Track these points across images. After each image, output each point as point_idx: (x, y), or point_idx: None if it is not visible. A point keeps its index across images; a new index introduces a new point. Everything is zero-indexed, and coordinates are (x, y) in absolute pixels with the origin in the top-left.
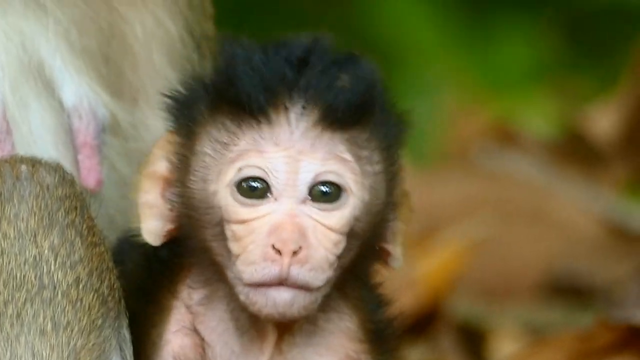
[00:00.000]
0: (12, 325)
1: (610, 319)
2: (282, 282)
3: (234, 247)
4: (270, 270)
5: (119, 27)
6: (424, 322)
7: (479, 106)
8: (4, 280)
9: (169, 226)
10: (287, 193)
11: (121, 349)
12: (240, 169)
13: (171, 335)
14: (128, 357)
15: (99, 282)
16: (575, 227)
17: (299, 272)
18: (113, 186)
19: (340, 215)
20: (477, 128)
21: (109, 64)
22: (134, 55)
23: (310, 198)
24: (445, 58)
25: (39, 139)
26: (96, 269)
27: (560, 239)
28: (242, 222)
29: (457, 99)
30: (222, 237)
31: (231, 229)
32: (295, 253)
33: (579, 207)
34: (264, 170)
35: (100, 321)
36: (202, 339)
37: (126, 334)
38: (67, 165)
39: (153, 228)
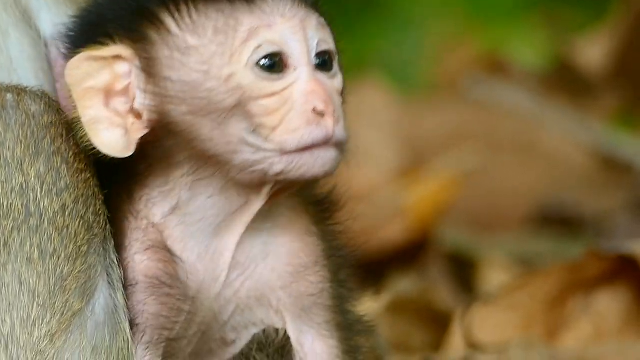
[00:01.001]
0: None
1: (599, 249)
2: (327, 141)
3: (269, 120)
4: (318, 132)
5: None
6: (413, 251)
7: (469, 37)
8: None
9: (142, 132)
10: (303, 61)
11: (108, 275)
12: (258, 47)
13: (136, 256)
14: (115, 281)
15: (85, 208)
16: (565, 158)
17: (340, 131)
18: None
19: (339, 80)
20: (466, 59)
21: None
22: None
23: (316, 66)
24: None
25: (19, 67)
26: (82, 196)
27: (549, 169)
28: (273, 94)
29: (447, 30)
30: (239, 118)
31: (261, 105)
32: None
33: (569, 137)
34: (279, 44)
35: (85, 247)
36: (173, 255)
37: (113, 258)
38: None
39: (113, 140)
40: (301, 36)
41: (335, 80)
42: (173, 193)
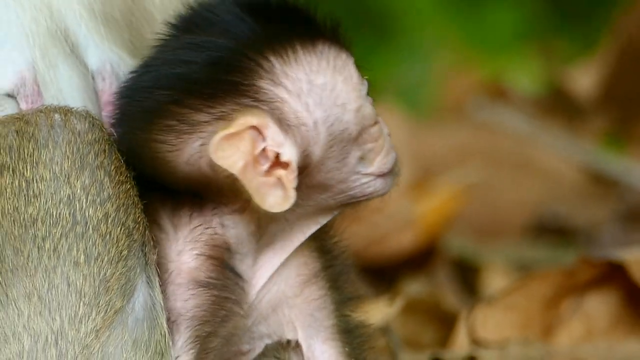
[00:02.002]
0: (49, 258)
1: (590, 256)
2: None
3: (375, 146)
4: (394, 155)
5: None
6: (422, 258)
7: (472, 65)
8: (41, 218)
9: (295, 181)
10: None
11: (147, 275)
12: (363, 80)
13: (194, 256)
14: (153, 281)
15: (126, 216)
16: (559, 174)
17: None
18: None
19: None
20: (470, 85)
21: (130, 30)
22: (153, 21)
23: None
24: (438, 22)
25: (68, 97)
26: (123, 205)
27: (544, 184)
28: (376, 123)
29: (452, 59)
30: (355, 148)
31: (371, 132)
32: None
33: (562, 155)
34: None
35: (126, 252)
36: (230, 260)
37: (152, 260)
38: None
39: (275, 199)
40: None
41: None
42: (252, 223)
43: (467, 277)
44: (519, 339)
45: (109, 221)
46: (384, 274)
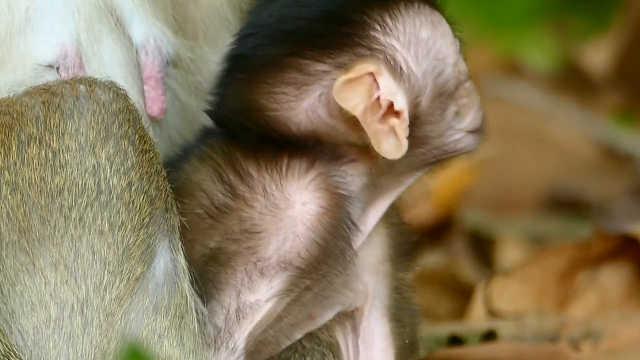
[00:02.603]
0: (75, 227)
1: (604, 229)
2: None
3: (469, 101)
4: (481, 116)
5: None
6: (439, 231)
7: (487, 42)
8: (67, 188)
9: (407, 130)
10: None
11: (170, 241)
12: (456, 38)
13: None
14: (176, 245)
15: (149, 184)
16: (573, 148)
17: None
18: (175, 113)
19: None
20: (485, 61)
21: (174, 6)
22: None
23: None
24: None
25: (110, 71)
26: (146, 173)
27: (559, 158)
28: (468, 78)
29: (465, 36)
30: (451, 102)
31: (466, 87)
32: None
33: (575, 130)
34: None
35: (147, 219)
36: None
37: (175, 226)
38: (135, 95)
39: (390, 146)
40: None
41: None
42: (366, 172)
43: (483, 249)
44: (535, 311)
45: (132, 190)
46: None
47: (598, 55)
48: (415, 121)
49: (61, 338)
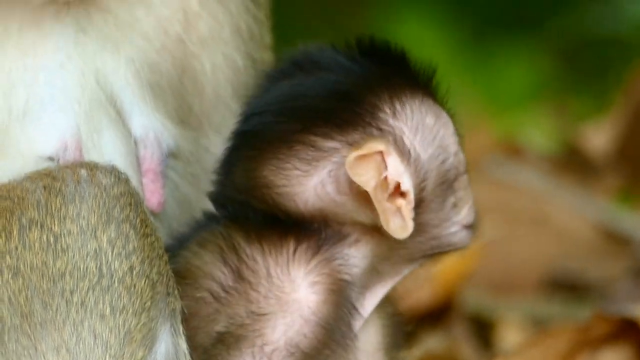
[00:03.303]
0: (77, 311)
1: (604, 312)
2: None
3: (465, 195)
4: (475, 212)
5: (190, 65)
6: (439, 313)
7: (486, 123)
8: (69, 272)
9: (412, 212)
10: None
11: (171, 325)
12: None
13: (313, 295)
14: (177, 329)
15: (150, 268)
16: (573, 231)
17: None
18: (175, 203)
19: None
20: (486, 143)
21: (177, 98)
22: (202, 89)
23: None
24: (453, 80)
25: (110, 162)
26: (147, 257)
27: (559, 240)
28: (465, 171)
29: (466, 117)
30: (449, 193)
31: (462, 179)
32: None
33: (576, 212)
34: None
35: (149, 303)
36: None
37: (177, 310)
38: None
39: (397, 225)
40: None
41: None
42: (366, 256)
43: (483, 331)
44: None
45: (134, 274)
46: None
47: (598, 136)
48: (419, 205)
49: None
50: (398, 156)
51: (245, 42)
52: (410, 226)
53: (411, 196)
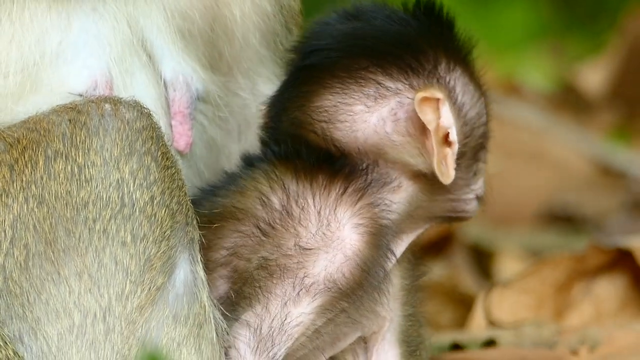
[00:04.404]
0: (99, 239)
1: (600, 243)
2: None
3: (483, 167)
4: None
5: (220, 12)
6: (441, 243)
7: (486, 62)
8: (92, 201)
9: (455, 163)
10: None
11: (190, 254)
12: None
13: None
14: (197, 258)
15: (170, 198)
16: (569, 165)
17: None
18: (203, 145)
19: None
20: (486, 81)
21: (207, 44)
22: (232, 35)
23: None
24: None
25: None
26: (168, 188)
27: (556, 174)
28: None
29: None
30: (476, 160)
31: (486, 150)
32: None
33: (572, 148)
34: None
35: (169, 232)
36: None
37: (195, 239)
38: (163, 128)
39: (444, 170)
40: None
41: None
42: (403, 202)
43: (483, 261)
44: (533, 320)
45: (155, 203)
46: None
47: (594, 75)
48: (458, 159)
49: (84, 344)
50: (450, 107)
51: None
52: (452, 174)
53: (456, 147)
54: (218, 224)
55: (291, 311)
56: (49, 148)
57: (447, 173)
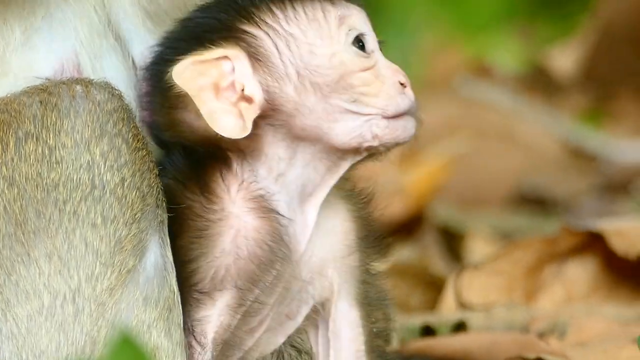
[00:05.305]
0: (69, 220)
1: (571, 225)
2: (412, 109)
3: (369, 89)
4: (407, 101)
5: None
6: (411, 225)
7: (458, 43)
8: (63, 183)
9: (255, 114)
10: (375, 46)
11: (160, 237)
12: (349, 30)
13: (244, 215)
14: (164, 241)
15: (141, 181)
16: (539, 147)
17: (416, 101)
18: None
19: None
20: (457, 62)
21: None
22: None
23: None
24: (424, 2)
25: None
26: (138, 170)
27: (526, 156)
28: (367, 69)
29: (437, 38)
30: (341, 91)
31: (360, 77)
32: None
33: (543, 130)
34: (359, 29)
35: (139, 214)
36: (278, 215)
37: (165, 222)
38: (134, 110)
39: (230, 125)
40: (369, 25)
41: None
42: (274, 165)
43: (453, 243)
44: (504, 302)
45: (125, 185)
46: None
47: (564, 57)
48: (284, 108)
49: (53, 326)
50: (247, 61)
51: None
52: (248, 128)
53: (256, 100)
54: None
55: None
56: (19, 129)
57: (243, 127)
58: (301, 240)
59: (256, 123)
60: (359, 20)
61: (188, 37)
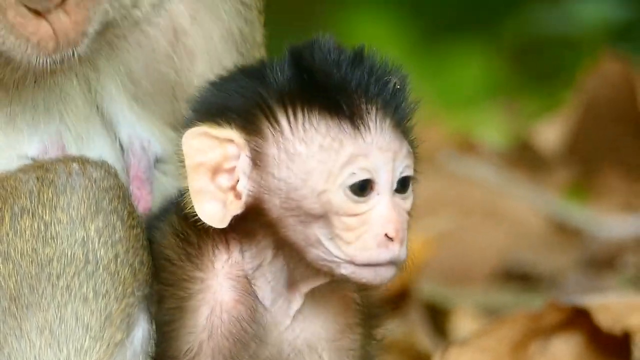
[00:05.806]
0: (62, 294)
1: (556, 301)
2: (391, 262)
3: (346, 235)
4: (385, 255)
5: (179, 78)
6: (396, 301)
7: (441, 120)
8: (57, 258)
9: (237, 211)
10: (387, 188)
11: (148, 312)
12: (353, 173)
13: (225, 293)
14: (151, 316)
15: (134, 257)
16: (524, 223)
17: (403, 252)
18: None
19: (410, 200)
20: (442, 137)
21: (166, 107)
22: (192, 95)
23: (395, 190)
24: (409, 77)
25: None
26: (132, 247)
27: (511, 232)
28: (355, 215)
29: (421, 114)
30: (321, 225)
31: (343, 221)
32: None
33: (528, 206)
34: (371, 172)
35: (130, 290)
36: (256, 299)
37: (153, 297)
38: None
39: (213, 212)
40: (391, 167)
41: (407, 201)
42: (260, 255)
43: (438, 320)
44: None
45: (118, 261)
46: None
47: (549, 133)
48: (266, 214)
49: None
50: (250, 158)
51: (237, 44)
52: (226, 221)
53: (243, 198)
54: None
55: None
56: (15, 205)
57: (221, 218)
58: (282, 322)
59: (247, 216)
60: (375, 161)
61: (213, 104)
